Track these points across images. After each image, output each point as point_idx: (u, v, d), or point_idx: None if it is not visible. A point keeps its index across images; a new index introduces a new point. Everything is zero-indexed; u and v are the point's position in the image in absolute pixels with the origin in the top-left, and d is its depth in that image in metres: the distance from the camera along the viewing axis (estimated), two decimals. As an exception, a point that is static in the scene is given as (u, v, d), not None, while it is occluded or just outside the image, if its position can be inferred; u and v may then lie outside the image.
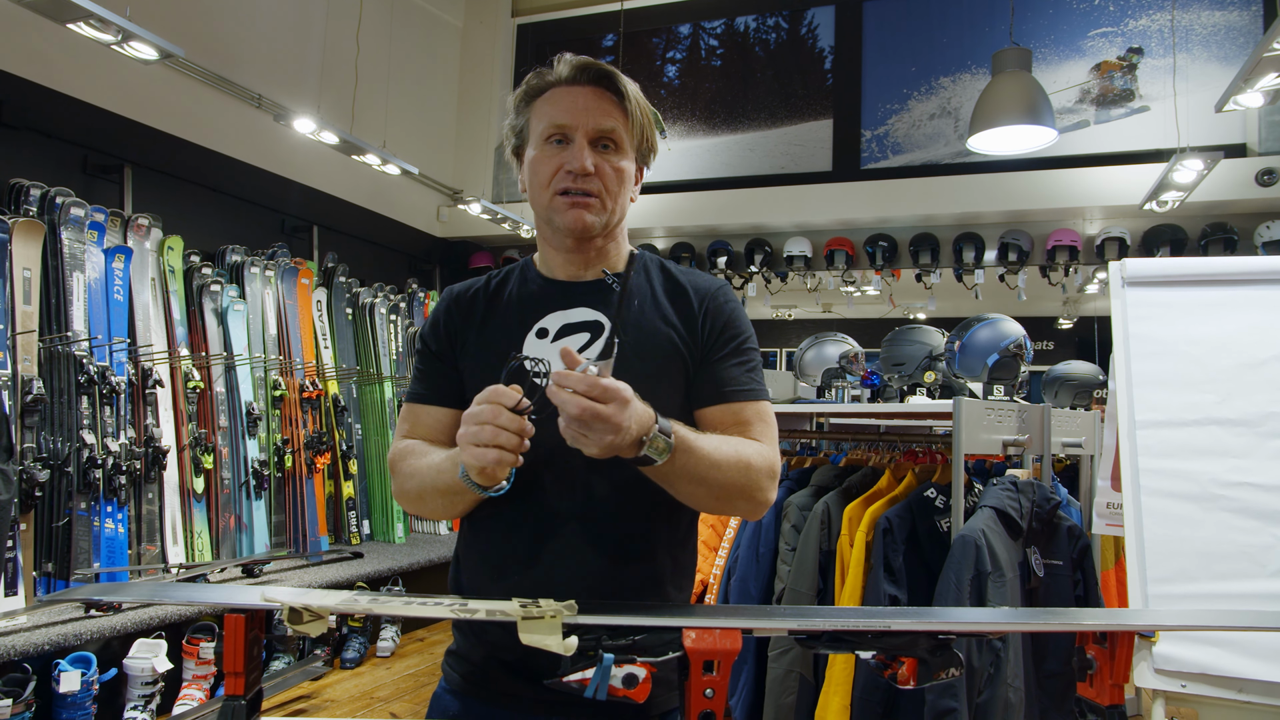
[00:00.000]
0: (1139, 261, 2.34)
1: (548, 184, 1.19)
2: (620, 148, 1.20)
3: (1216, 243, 5.29)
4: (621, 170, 1.20)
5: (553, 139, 1.18)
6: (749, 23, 6.67)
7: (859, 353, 3.40)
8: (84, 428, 3.51)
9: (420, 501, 1.21)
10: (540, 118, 1.20)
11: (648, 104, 1.23)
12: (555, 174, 1.18)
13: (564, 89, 1.19)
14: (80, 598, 1.24)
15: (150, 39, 3.42)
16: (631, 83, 1.21)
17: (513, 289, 1.28)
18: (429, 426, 1.26)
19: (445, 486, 1.14)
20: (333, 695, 3.75)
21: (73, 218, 3.65)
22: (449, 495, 1.15)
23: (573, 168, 1.16)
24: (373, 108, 5.92)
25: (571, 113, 1.17)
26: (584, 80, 1.19)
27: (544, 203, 1.20)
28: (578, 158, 1.16)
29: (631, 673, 0.95)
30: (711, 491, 1.12)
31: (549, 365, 1.03)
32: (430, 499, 1.19)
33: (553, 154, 1.18)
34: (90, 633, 3.02)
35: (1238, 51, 5.42)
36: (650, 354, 1.20)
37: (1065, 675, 2.13)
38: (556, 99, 1.19)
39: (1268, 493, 2.03)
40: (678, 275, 1.28)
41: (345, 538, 5.01)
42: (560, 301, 1.24)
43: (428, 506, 1.22)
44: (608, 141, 1.19)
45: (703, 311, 1.24)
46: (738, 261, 6.40)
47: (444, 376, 1.27)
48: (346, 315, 5.35)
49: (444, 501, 1.17)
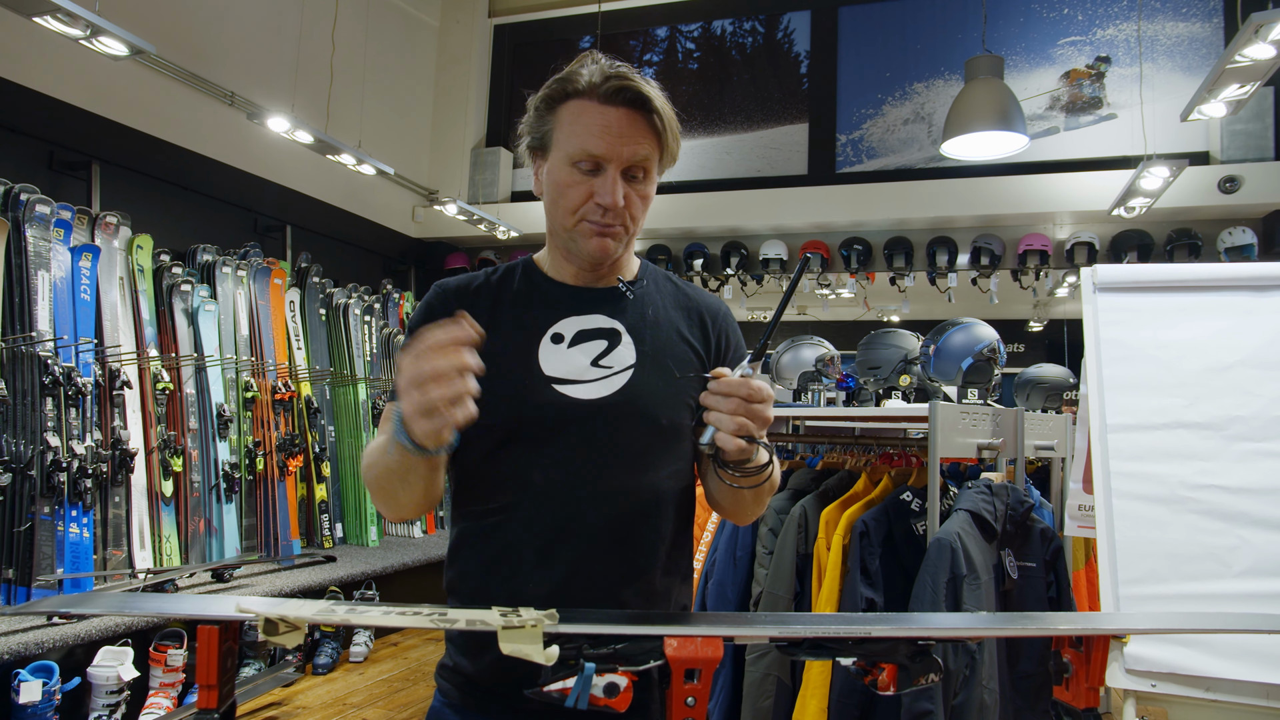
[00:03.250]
0: (1110, 267, 2.37)
1: (574, 210, 1.15)
2: (649, 176, 1.17)
3: (1181, 248, 5.39)
4: (647, 197, 1.18)
5: (582, 165, 1.13)
6: (726, 26, 6.70)
7: (835, 356, 3.42)
8: (48, 430, 3.44)
9: (385, 495, 1.12)
10: (569, 134, 1.14)
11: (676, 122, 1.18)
12: (584, 203, 1.14)
13: (596, 107, 1.12)
14: (44, 610, 1.21)
15: (120, 34, 3.36)
16: (664, 102, 1.15)
17: (519, 290, 1.24)
18: None
19: (397, 466, 1.05)
20: (305, 702, 3.70)
21: (38, 215, 3.58)
22: (404, 474, 1.06)
23: (604, 202, 1.13)
24: (348, 107, 5.86)
25: (605, 140, 1.11)
26: (619, 102, 1.12)
27: (567, 226, 1.17)
28: (610, 192, 1.12)
29: (613, 681, 0.95)
30: (756, 495, 1.17)
31: None
32: (391, 487, 1.10)
33: (582, 181, 1.13)
34: (53, 641, 2.95)
35: (1200, 62, 5.54)
36: (671, 364, 1.21)
37: (1039, 676, 2.15)
38: (588, 118, 1.13)
39: (1233, 495, 2.07)
40: (684, 289, 1.30)
41: (318, 541, 4.95)
42: (575, 307, 1.21)
43: (395, 499, 1.12)
44: (638, 171, 1.15)
45: (716, 332, 1.27)
46: (714, 264, 6.42)
47: None
48: (320, 316, 5.29)
49: (405, 483, 1.08)
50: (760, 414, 1.03)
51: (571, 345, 1.18)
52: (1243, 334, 2.19)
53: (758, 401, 1.02)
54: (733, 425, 1.02)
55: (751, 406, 1.02)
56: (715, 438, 1.04)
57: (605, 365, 1.17)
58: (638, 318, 1.22)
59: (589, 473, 1.14)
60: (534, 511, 1.15)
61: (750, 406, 1.02)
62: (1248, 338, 2.18)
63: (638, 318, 1.22)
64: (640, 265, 1.29)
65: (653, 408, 1.17)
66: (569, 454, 1.12)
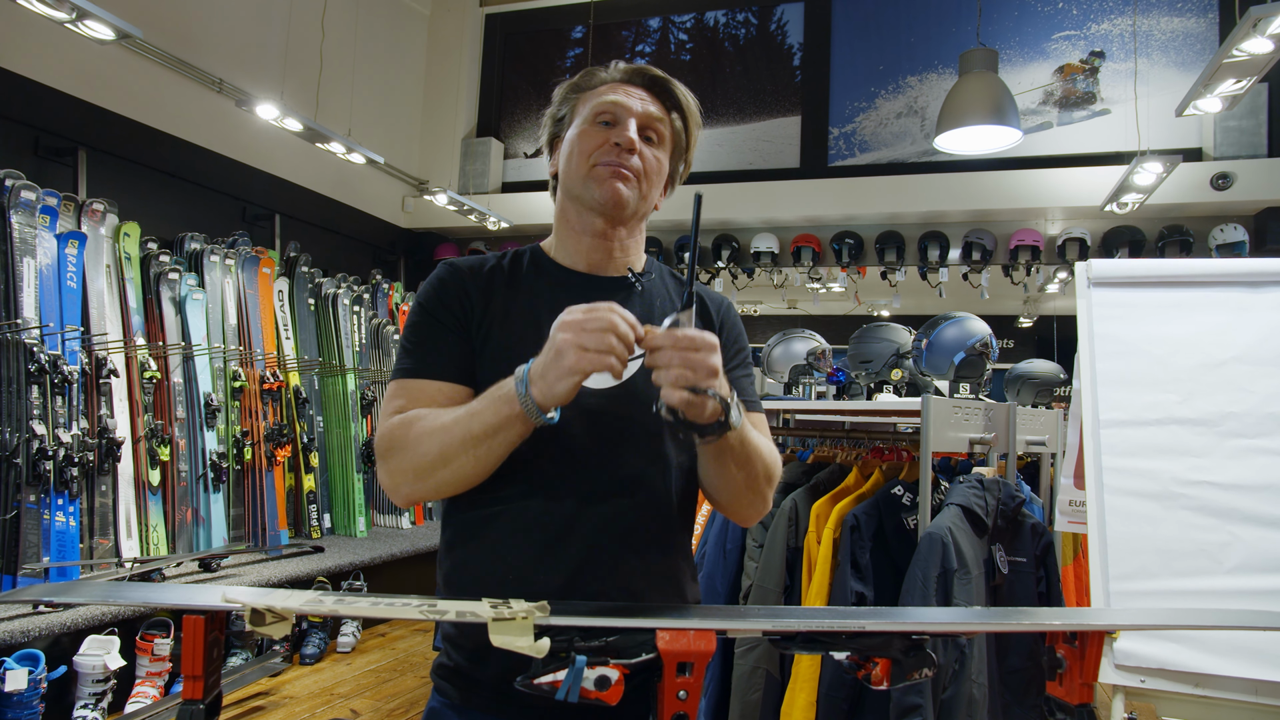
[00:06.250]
0: (1105, 262, 2.37)
1: (589, 155, 1.19)
2: (662, 142, 1.23)
3: (1173, 244, 5.41)
4: (660, 161, 1.22)
5: (601, 119, 1.20)
6: (719, 18, 6.67)
7: (826, 350, 3.41)
8: (34, 418, 3.40)
9: (440, 464, 1.09)
10: (588, 103, 1.22)
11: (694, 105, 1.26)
12: (599, 147, 1.19)
13: (617, 83, 1.23)
14: (29, 598, 1.19)
15: (106, 18, 3.32)
16: (687, 93, 1.25)
17: (529, 275, 1.24)
18: (433, 401, 1.15)
19: (482, 430, 1.05)
20: (292, 692, 3.69)
21: (23, 201, 3.53)
22: (485, 440, 1.05)
23: (620, 140, 1.18)
24: (337, 95, 5.81)
25: (624, 99, 1.20)
26: (638, 82, 1.22)
27: (582, 173, 1.19)
28: (625, 132, 1.18)
29: (604, 674, 0.93)
30: (748, 476, 1.13)
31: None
32: (456, 455, 1.07)
33: (599, 131, 1.20)
34: (38, 629, 2.93)
35: (1194, 57, 5.54)
36: None
37: (1028, 671, 2.15)
38: (610, 89, 1.22)
39: (1225, 491, 2.07)
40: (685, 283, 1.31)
41: (306, 531, 4.93)
42: (586, 293, 1.18)
43: (449, 468, 1.08)
44: (652, 134, 1.21)
45: (720, 322, 1.28)
46: (705, 257, 6.40)
47: (451, 350, 1.18)
48: (309, 306, 5.26)
49: (476, 452, 1.06)
50: (698, 361, 0.97)
51: None
52: (1237, 330, 2.19)
53: (691, 350, 0.97)
54: (670, 377, 0.98)
55: (687, 355, 0.97)
56: (661, 394, 0.99)
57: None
58: (646, 309, 1.23)
59: (597, 461, 1.14)
60: (543, 500, 1.14)
61: (686, 355, 0.97)
62: (1241, 334, 2.19)
63: (646, 309, 1.23)
64: (647, 259, 1.31)
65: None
66: (578, 442, 1.12)
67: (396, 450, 1.12)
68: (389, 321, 5.95)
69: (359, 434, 5.38)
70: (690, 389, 0.98)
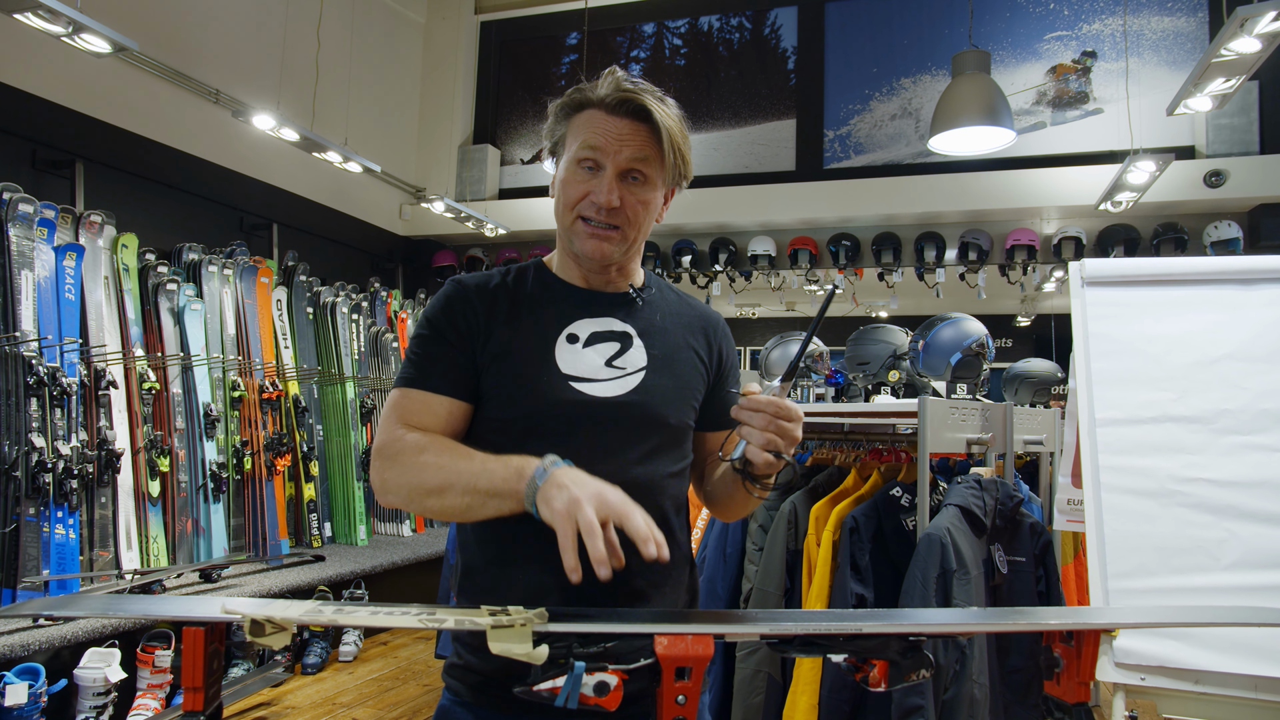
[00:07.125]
0: (1098, 261, 2.38)
1: (572, 206, 1.22)
2: (648, 181, 1.23)
3: (1168, 242, 5.42)
4: (648, 203, 1.23)
5: (584, 164, 1.21)
6: (712, 22, 6.69)
7: (824, 351, 3.42)
8: (33, 431, 3.40)
9: (435, 495, 1.13)
10: (576, 137, 1.22)
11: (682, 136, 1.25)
12: (581, 200, 1.21)
13: (603, 116, 1.21)
14: (29, 612, 1.19)
15: (103, 31, 3.32)
16: (671, 115, 1.22)
17: (533, 290, 1.28)
18: (437, 416, 1.20)
19: (486, 488, 1.09)
20: (294, 702, 3.69)
21: (21, 214, 3.54)
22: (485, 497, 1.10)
23: (598, 200, 1.19)
24: (334, 104, 5.82)
25: (605, 140, 1.19)
26: (623, 113, 1.20)
27: (566, 223, 1.24)
28: (604, 191, 1.19)
29: (603, 680, 0.94)
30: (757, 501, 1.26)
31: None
32: (453, 496, 1.12)
33: (582, 179, 1.21)
34: (39, 643, 2.93)
35: (1185, 56, 5.56)
36: (679, 369, 1.29)
37: (1028, 670, 2.16)
38: (594, 124, 1.21)
39: (1221, 488, 2.08)
40: (685, 299, 1.39)
41: (306, 541, 4.92)
42: (588, 309, 1.28)
43: (442, 501, 1.13)
44: (637, 174, 1.21)
45: (716, 342, 1.36)
46: (702, 260, 6.41)
47: (456, 366, 1.22)
48: (307, 315, 5.26)
49: (470, 501, 1.11)
50: (790, 432, 1.08)
51: (586, 346, 1.24)
52: (1230, 328, 2.20)
53: (787, 420, 1.08)
54: (762, 440, 1.08)
55: (781, 424, 1.08)
56: (746, 451, 1.10)
57: (619, 366, 1.24)
58: (648, 323, 1.29)
59: (603, 468, 1.15)
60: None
61: (780, 424, 1.08)
62: (1235, 331, 2.19)
63: (648, 323, 1.29)
64: (646, 274, 1.35)
65: (663, 408, 1.24)
66: (585, 449, 1.16)
67: (400, 464, 1.16)
68: (388, 329, 5.95)
69: (359, 442, 5.38)
70: (774, 453, 1.09)
